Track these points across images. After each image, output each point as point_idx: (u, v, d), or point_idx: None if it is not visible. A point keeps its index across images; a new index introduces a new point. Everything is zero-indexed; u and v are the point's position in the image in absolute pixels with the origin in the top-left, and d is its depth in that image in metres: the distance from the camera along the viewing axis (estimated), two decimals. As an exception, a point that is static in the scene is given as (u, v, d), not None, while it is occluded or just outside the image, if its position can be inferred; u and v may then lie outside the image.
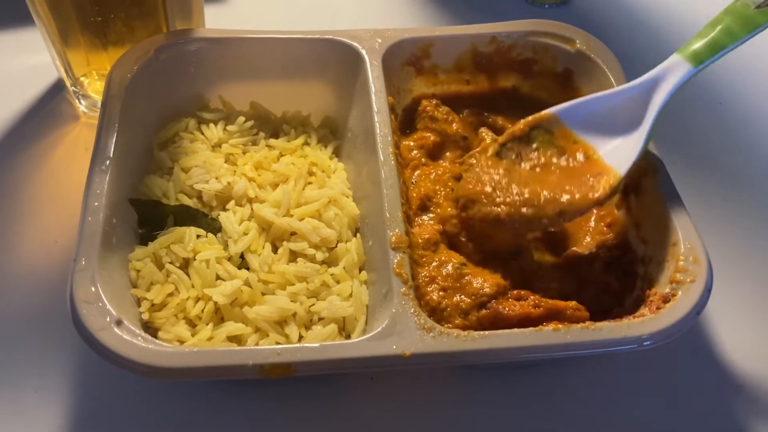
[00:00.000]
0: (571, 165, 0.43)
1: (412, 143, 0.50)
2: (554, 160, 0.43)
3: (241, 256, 0.43)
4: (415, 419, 0.42)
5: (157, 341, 0.35)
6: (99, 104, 0.54)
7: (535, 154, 0.44)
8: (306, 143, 0.50)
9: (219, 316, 0.41)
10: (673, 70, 0.42)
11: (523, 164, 0.43)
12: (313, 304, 0.41)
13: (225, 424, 0.41)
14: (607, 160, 0.43)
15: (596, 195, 0.41)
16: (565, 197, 0.42)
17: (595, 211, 0.47)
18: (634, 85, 0.44)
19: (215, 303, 0.40)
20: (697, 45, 0.42)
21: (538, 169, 0.43)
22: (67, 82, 0.55)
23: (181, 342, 0.39)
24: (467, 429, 0.42)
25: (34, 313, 0.45)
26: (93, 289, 0.36)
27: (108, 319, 0.35)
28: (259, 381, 0.42)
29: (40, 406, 0.41)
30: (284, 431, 0.41)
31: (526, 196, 0.42)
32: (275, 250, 0.43)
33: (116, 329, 0.35)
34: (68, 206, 0.50)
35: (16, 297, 0.45)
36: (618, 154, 0.43)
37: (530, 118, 0.45)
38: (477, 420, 0.42)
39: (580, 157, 0.43)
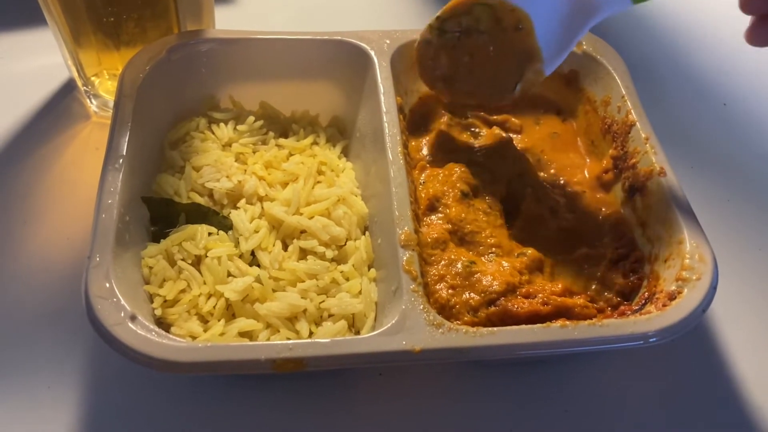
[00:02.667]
0: (505, 39, 0.45)
1: (422, 143, 0.51)
2: (490, 30, 0.45)
3: (252, 253, 0.43)
4: (423, 415, 0.42)
5: (171, 336, 0.36)
6: (110, 104, 0.56)
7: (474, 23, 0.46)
8: (315, 143, 0.51)
9: (230, 312, 0.41)
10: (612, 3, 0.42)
11: (465, 38, 0.46)
12: (323, 301, 0.42)
13: (234, 419, 0.41)
14: (541, 42, 0.44)
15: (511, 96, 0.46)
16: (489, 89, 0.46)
17: (603, 209, 0.48)
18: None
19: (227, 299, 0.41)
20: None
21: (477, 44, 0.46)
22: (79, 82, 0.55)
23: (194, 337, 0.39)
24: (474, 425, 0.42)
25: (47, 309, 0.45)
26: (107, 284, 0.37)
27: (122, 314, 0.36)
28: (269, 376, 0.43)
29: (53, 401, 0.41)
30: (294, 426, 0.41)
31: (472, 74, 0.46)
32: (285, 248, 0.44)
33: (130, 324, 0.36)
34: (79, 204, 0.50)
35: (29, 293, 0.46)
36: (549, 41, 0.44)
37: None
38: (484, 416, 0.42)
39: (513, 27, 0.45)
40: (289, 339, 0.40)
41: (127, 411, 0.41)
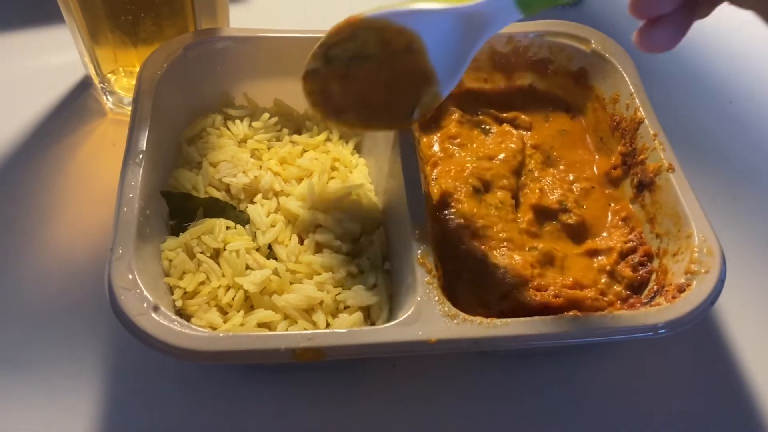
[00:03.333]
0: (396, 63, 0.41)
1: (433, 140, 0.52)
2: (379, 54, 0.41)
3: (269, 247, 0.44)
4: (436, 405, 0.43)
5: (193, 326, 0.37)
6: (125, 100, 0.57)
7: (361, 47, 0.41)
8: (328, 139, 0.52)
9: (249, 304, 0.42)
10: (504, 11, 0.38)
11: (354, 65, 0.42)
12: (339, 293, 0.43)
13: (250, 408, 0.42)
14: (434, 62, 0.41)
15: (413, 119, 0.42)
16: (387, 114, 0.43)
17: (612, 204, 0.49)
18: (465, 9, 0.39)
19: (245, 291, 0.42)
20: None
21: (367, 70, 0.42)
22: (95, 79, 0.56)
23: (214, 328, 0.40)
24: (486, 415, 0.43)
25: (66, 301, 0.46)
26: (130, 276, 0.38)
27: (145, 305, 0.37)
28: (286, 366, 0.44)
29: (73, 391, 0.42)
30: (307, 416, 0.42)
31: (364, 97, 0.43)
32: (301, 241, 0.45)
33: (153, 314, 0.37)
34: (97, 199, 0.51)
35: (49, 286, 0.47)
36: (443, 61, 0.41)
37: (349, 18, 0.41)
38: (496, 406, 0.43)
39: (404, 47, 0.41)
40: (307, 330, 0.40)
41: (145, 400, 0.42)
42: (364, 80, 0.42)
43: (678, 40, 0.31)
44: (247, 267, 0.43)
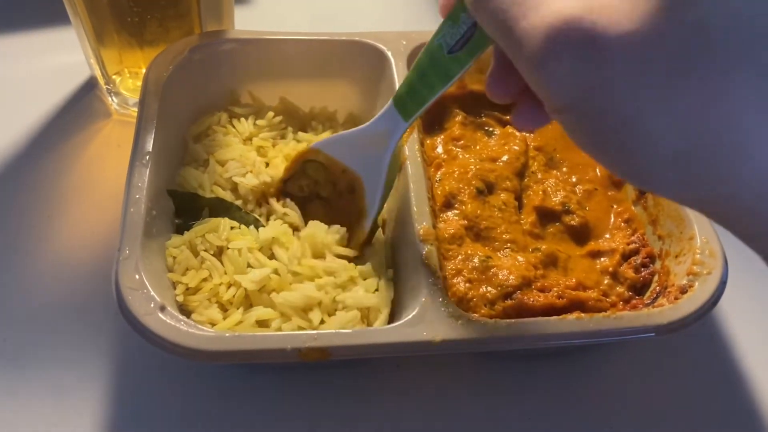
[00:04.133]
0: (340, 199, 0.45)
1: (437, 141, 0.52)
2: (327, 193, 0.46)
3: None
4: (439, 405, 0.43)
5: (199, 326, 0.37)
6: (130, 101, 0.57)
7: (314, 186, 0.46)
8: (333, 138, 0.52)
9: (249, 302, 0.43)
10: (394, 122, 0.40)
11: (309, 204, 0.46)
12: (338, 294, 0.43)
13: (256, 407, 0.43)
14: (368, 197, 0.43)
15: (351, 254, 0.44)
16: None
17: (614, 206, 0.49)
18: (371, 125, 0.42)
19: (245, 289, 0.42)
20: (406, 97, 0.39)
21: (319, 214, 0.46)
22: (101, 80, 0.57)
23: (213, 324, 0.41)
24: (490, 415, 0.43)
25: (73, 301, 0.46)
26: (137, 276, 0.38)
27: (152, 305, 0.37)
28: (291, 366, 0.44)
29: (80, 391, 0.43)
30: (311, 416, 0.43)
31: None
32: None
33: (160, 314, 0.37)
34: (103, 199, 0.52)
35: (55, 286, 0.47)
36: (369, 194, 0.43)
37: (297, 154, 0.46)
38: (499, 407, 0.44)
39: (347, 187, 0.44)
40: (301, 327, 0.41)
41: (151, 399, 0.43)
42: (316, 215, 0.45)
43: (536, 125, 0.32)
44: (249, 266, 0.43)
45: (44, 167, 0.54)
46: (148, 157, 0.44)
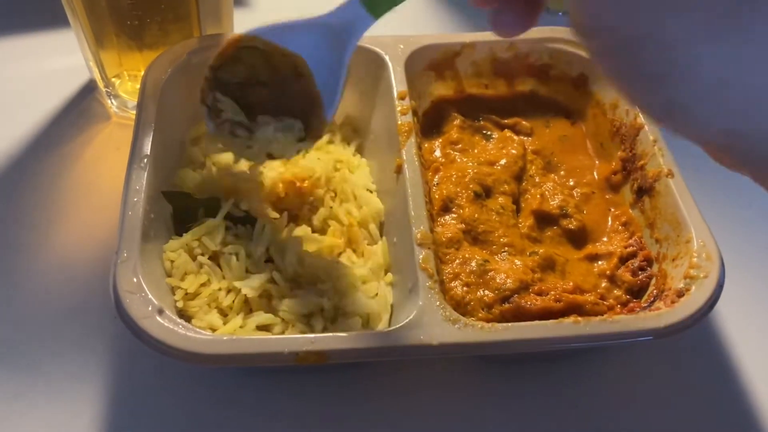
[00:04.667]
0: (284, 84, 0.41)
1: (434, 145, 0.52)
2: (266, 77, 0.41)
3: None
4: (437, 408, 0.43)
5: (196, 329, 0.37)
6: (129, 104, 0.57)
7: (250, 72, 0.41)
8: (330, 141, 0.52)
9: (249, 307, 0.43)
10: (358, 16, 0.38)
11: (247, 90, 0.42)
12: (339, 300, 0.43)
13: (254, 410, 0.43)
14: (320, 84, 0.40)
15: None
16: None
17: (612, 209, 0.49)
18: (327, 16, 0.39)
19: (245, 295, 0.42)
20: None
21: (258, 95, 0.42)
22: (100, 83, 0.57)
23: (214, 330, 0.41)
24: (488, 418, 0.43)
25: (71, 304, 0.46)
26: (135, 279, 0.38)
27: (150, 309, 0.37)
28: (289, 369, 0.44)
29: (78, 393, 0.43)
30: (310, 419, 0.43)
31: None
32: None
33: (158, 318, 0.37)
34: (101, 202, 0.52)
35: (54, 289, 0.47)
36: (323, 83, 0.40)
37: (230, 39, 0.42)
38: (498, 410, 0.44)
39: (292, 72, 0.41)
40: (304, 332, 0.41)
41: (149, 402, 0.43)
42: (255, 106, 0.42)
43: (523, 26, 0.31)
44: (247, 270, 0.43)
45: (43, 170, 0.54)
46: (146, 160, 0.44)
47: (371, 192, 0.49)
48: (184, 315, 0.42)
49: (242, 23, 0.60)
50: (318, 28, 0.39)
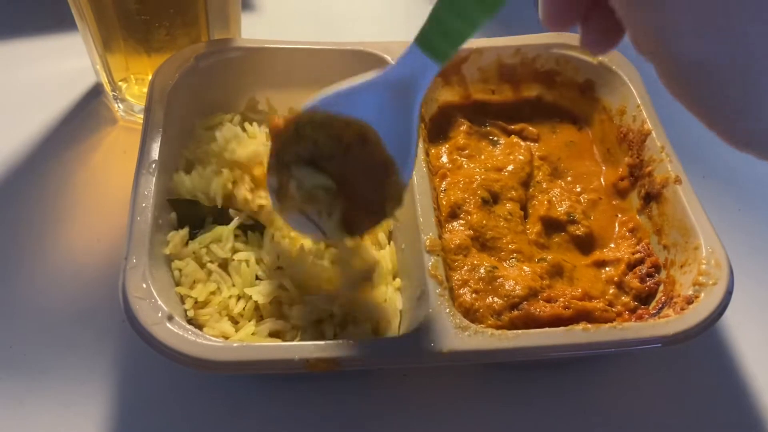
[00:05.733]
0: (349, 154, 0.37)
1: (441, 151, 0.52)
2: (331, 150, 0.38)
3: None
4: (446, 416, 0.43)
5: (206, 336, 0.37)
6: (136, 108, 0.57)
7: (313, 148, 0.38)
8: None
9: (259, 313, 0.43)
10: (421, 65, 0.34)
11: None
12: (349, 306, 0.43)
13: (262, 417, 0.43)
14: (389, 148, 0.37)
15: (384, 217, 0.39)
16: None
17: (619, 215, 0.49)
18: (388, 73, 0.36)
19: (256, 301, 0.42)
20: (434, 34, 0.33)
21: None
22: (107, 87, 0.57)
23: (226, 338, 0.41)
24: (496, 426, 0.43)
25: (79, 308, 0.46)
26: (144, 285, 0.38)
27: (160, 315, 0.37)
28: (296, 376, 0.44)
29: (85, 398, 0.42)
30: (319, 426, 0.43)
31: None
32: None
33: (168, 324, 0.37)
34: (109, 206, 0.52)
35: (61, 293, 0.47)
36: (395, 144, 0.37)
37: (286, 119, 0.38)
38: (506, 417, 0.43)
39: (357, 139, 0.37)
40: (315, 340, 0.41)
41: (158, 408, 0.43)
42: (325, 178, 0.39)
43: (608, 44, 0.29)
44: (257, 277, 0.43)
45: (50, 172, 0.54)
46: (154, 165, 0.44)
47: None
48: (195, 324, 0.42)
49: (250, 27, 0.61)
50: (378, 88, 0.36)
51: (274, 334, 0.41)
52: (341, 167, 0.38)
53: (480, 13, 0.30)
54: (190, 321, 0.42)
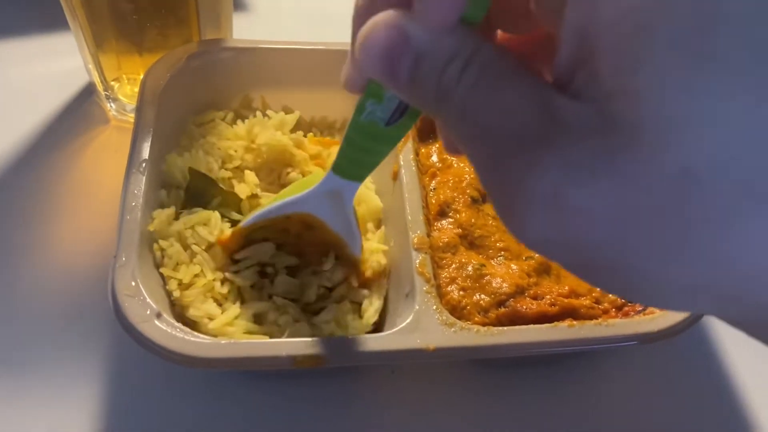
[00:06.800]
0: (300, 240, 0.43)
1: (431, 150, 0.52)
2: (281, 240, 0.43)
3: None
4: (434, 412, 0.44)
5: (194, 333, 0.37)
6: (128, 107, 0.57)
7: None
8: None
9: (243, 295, 0.43)
10: (346, 188, 0.38)
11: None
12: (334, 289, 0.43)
13: (251, 413, 0.43)
14: (333, 228, 0.41)
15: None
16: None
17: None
18: (316, 192, 0.39)
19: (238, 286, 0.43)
20: (350, 166, 0.36)
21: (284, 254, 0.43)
22: (99, 86, 0.57)
23: (211, 318, 0.41)
24: (484, 422, 0.44)
25: (70, 307, 0.47)
26: (133, 283, 0.38)
27: (148, 312, 0.37)
28: (285, 373, 0.45)
29: (76, 398, 0.43)
30: (307, 422, 0.43)
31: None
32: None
33: (156, 321, 0.37)
34: (100, 204, 0.52)
35: (52, 292, 0.47)
36: (338, 226, 0.42)
37: (227, 239, 0.43)
38: (493, 413, 0.44)
39: (302, 227, 0.42)
40: (297, 320, 0.41)
41: (147, 405, 0.43)
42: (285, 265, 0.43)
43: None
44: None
45: (41, 172, 0.54)
46: (144, 164, 0.44)
47: (371, 190, 0.49)
48: (179, 305, 0.42)
49: (242, 27, 0.61)
50: (309, 196, 0.40)
51: (258, 316, 0.42)
52: (296, 250, 0.43)
53: (383, 146, 0.32)
54: (175, 302, 0.42)
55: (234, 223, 0.45)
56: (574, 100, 0.18)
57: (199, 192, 0.46)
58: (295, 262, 0.44)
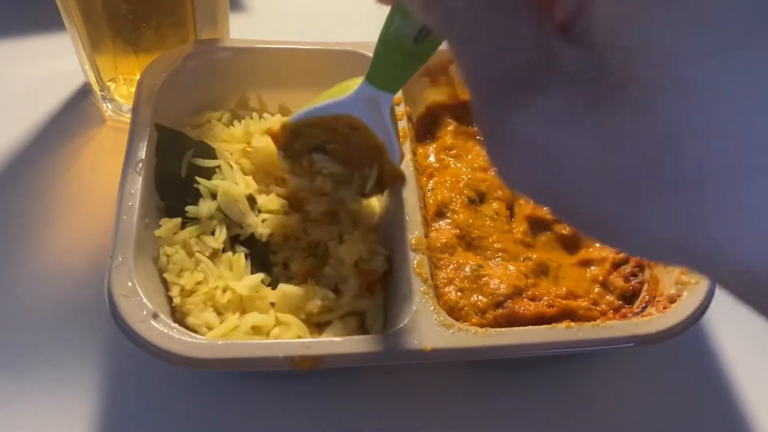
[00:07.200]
0: (346, 139, 0.44)
1: (429, 150, 0.52)
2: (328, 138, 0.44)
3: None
4: (431, 413, 0.44)
5: (191, 333, 0.37)
6: (124, 108, 0.57)
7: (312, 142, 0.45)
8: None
9: (243, 306, 0.43)
10: (380, 97, 0.40)
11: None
12: (335, 299, 0.43)
13: (248, 414, 0.43)
14: (376, 132, 0.42)
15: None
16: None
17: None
18: (355, 96, 0.41)
19: (240, 295, 0.42)
20: (384, 77, 0.39)
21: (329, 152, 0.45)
22: (96, 87, 0.57)
23: (210, 328, 0.41)
24: (481, 423, 0.44)
25: (66, 308, 0.46)
26: (129, 284, 0.38)
27: (145, 313, 0.37)
28: (283, 374, 0.44)
29: (73, 399, 0.43)
30: (304, 423, 0.43)
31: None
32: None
33: (153, 322, 0.37)
34: (97, 205, 0.52)
35: (49, 293, 0.47)
36: (383, 137, 0.42)
37: (277, 129, 0.45)
38: (491, 415, 0.44)
39: (348, 128, 0.43)
40: (299, 335, 0.41)
41: (144, 406, 0.43)
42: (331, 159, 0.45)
43: None
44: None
45: (38, 173, 0.54)
46: (141, 164, 0.44)
47: None
48: (180, 311, 0.42)
49: (239, 28, 0.61)
50: (349, 100, 0.41)
51: (256, 328, 0.41)
52: (343, 153, 0.44)
53: (411, 61, 0.35)
54: (176, 308, 0.42)
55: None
56: (572, 44, 0.18)
57: (170, 147, 0.46)
58: (341, 170, 0.45)
